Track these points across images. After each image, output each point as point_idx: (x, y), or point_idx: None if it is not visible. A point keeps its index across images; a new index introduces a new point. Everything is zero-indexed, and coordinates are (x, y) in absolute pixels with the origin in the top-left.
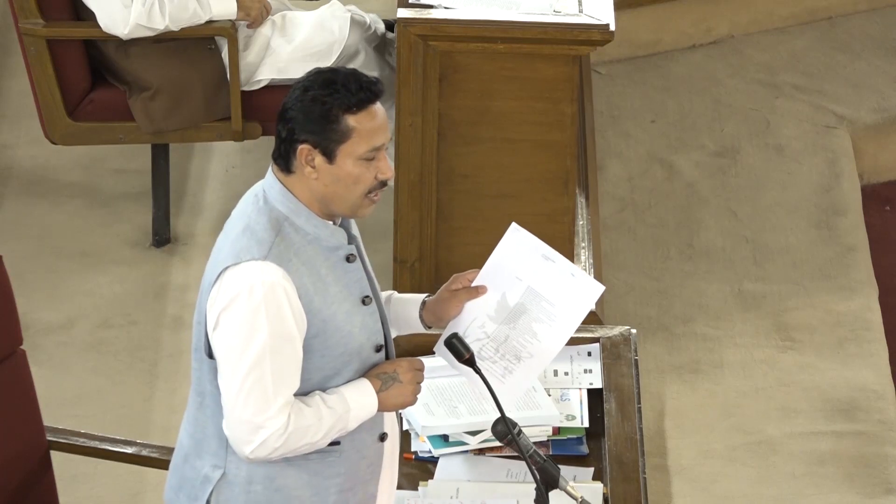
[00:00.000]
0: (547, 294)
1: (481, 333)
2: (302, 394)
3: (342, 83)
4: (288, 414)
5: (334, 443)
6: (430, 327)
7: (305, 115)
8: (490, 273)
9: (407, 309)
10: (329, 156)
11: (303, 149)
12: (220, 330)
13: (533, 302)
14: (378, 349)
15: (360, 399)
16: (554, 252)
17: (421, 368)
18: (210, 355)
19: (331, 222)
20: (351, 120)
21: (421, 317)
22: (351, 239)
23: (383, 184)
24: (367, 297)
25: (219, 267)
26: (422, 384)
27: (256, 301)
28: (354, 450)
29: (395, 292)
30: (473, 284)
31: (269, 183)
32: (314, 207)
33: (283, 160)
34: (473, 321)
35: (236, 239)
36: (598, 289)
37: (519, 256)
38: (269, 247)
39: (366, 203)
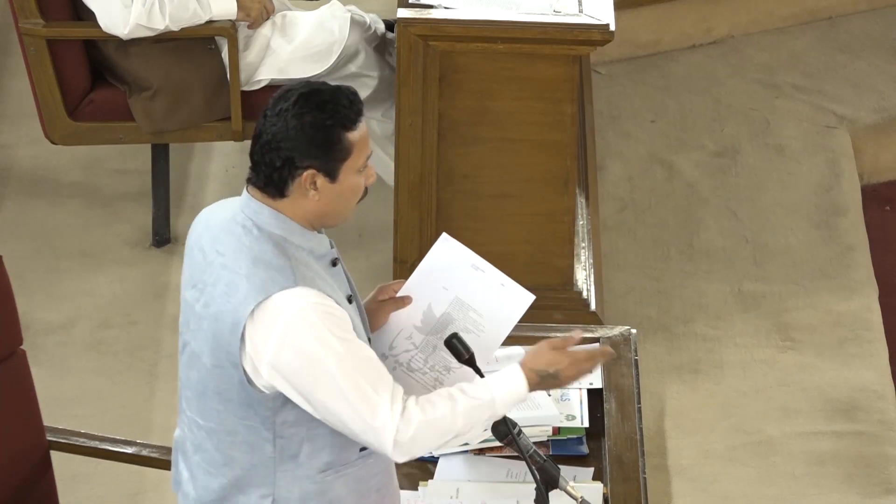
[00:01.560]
0: (475, 304)
1: (409, 344)
2: None
3: (334, 101)
4: (403, 407)
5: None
6: None
7: (308, 142)
8: (417, 283)
9: None
10: (332, 175)
11: (308, 174)
12: (288, 365)
13: (460, 312)
14: (368, 343)
15: (506, 389)
16: (484, 262)
17: (597, 357)
18: (249, 383)
19: (316, 231)
20: (350, 136)
21: None
22: (331, 243)
23: (366, 189)
24: (350, 295)
25: (242, 306)
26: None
27: (311, 321)
28: None
29: None
30: (399, 295)
31: (254, 210)
32: (304, 223)
33: (276, 187)
34: (401, 332)
35: (251, 274)
36: (528, 298)
37: (447, 267)
38: (291, 271)
39: (354, 210)
